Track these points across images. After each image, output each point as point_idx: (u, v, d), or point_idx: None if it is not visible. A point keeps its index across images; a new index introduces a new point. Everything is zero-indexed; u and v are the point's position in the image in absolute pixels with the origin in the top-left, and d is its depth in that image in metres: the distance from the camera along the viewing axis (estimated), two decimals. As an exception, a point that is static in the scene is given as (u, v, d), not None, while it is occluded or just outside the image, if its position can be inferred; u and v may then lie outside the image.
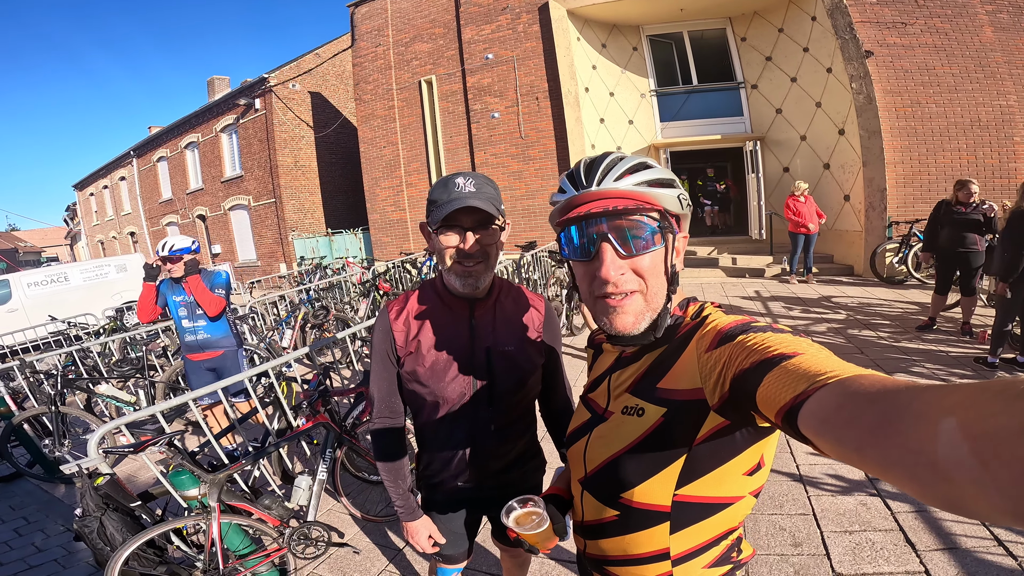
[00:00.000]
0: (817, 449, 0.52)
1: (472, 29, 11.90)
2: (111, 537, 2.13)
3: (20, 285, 10.35)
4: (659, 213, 0.83)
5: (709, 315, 0.85)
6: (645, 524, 0.88)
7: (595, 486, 0.96)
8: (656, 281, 0.84)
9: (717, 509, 0.85)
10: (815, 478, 3.00)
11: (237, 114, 17.01)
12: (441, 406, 1.40)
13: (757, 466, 0.82)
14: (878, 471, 0.42)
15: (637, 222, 0.82)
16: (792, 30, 10.47)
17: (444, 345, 1.38)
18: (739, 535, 0.93)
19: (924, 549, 2.33)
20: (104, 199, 26.23)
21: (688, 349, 0.81)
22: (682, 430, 0.80)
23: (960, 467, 0.33)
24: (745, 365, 0.66)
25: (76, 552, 3.16)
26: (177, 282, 3.67)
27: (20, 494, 4.13)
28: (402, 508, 1.50)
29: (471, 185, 1.24)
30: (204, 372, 3.79)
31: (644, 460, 0.85)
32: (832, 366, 0.55)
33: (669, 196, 0.83)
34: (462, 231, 1.25)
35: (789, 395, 0.56)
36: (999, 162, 8.20)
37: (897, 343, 5.24)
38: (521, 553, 1.89)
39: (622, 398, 0.91)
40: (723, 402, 0.71)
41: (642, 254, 0.82)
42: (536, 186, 11.50)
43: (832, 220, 9.82)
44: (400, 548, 2.80)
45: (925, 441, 0.36)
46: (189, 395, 2.82)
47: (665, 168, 0.87)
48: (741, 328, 0.73)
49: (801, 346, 0.64)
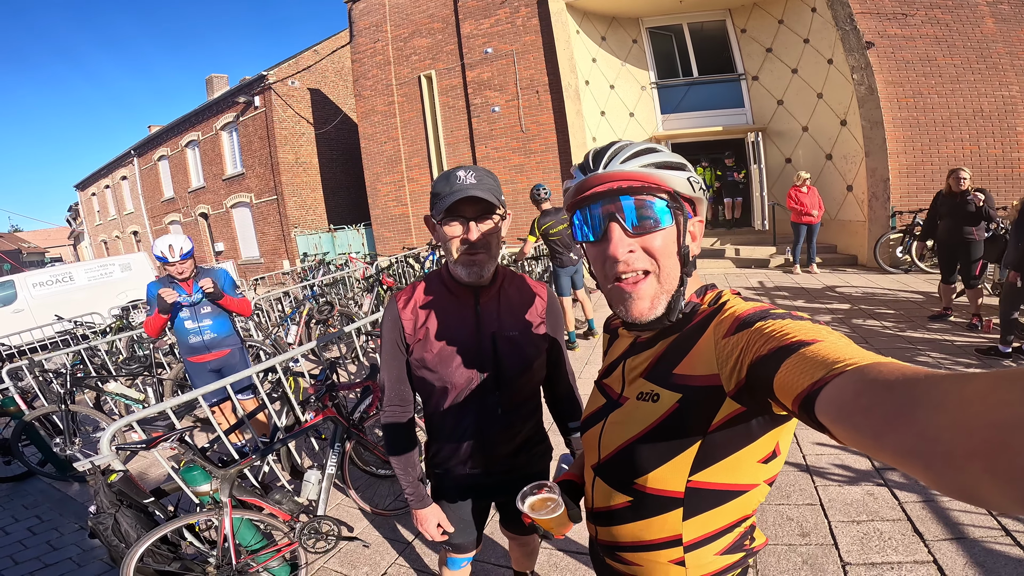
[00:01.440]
0: (833, 437, 0.52)
1: (471, 23, 11.85)
2: (125, 534, 2.15)
3: (25, 285, 10.40)
4: (668, 194, 0.84)
5: (727, 301, 0.85)
6: (658, 510, 0.88)
7: (608, 472, 0.97)
8: (668, 261, 0.84)
9: (731, 496, 0.85)
10: (822, 468, 3.01)
11: (237, 112, 16.99)
12: (450, 392, 1.44)
13: (772, 454, 0.82)
14: (894, 459, 0.42)
15: (644, 201, 0.82)
16: (792, 21, 10.42)
17: (451, 332, 1.42)
18: (752, 523, 0.94)
19: (932, 539, 2.34)
20: (106, 199, 26.25)
21: (705, 335, 0.81)
22: (697, 416, 0.80)
23: (975, 456, 0.33)
24: (763, 351, 0.66)
25: (91, 549, 3.19)
26: (173, 281, 3.54)
27: (33, 493, 4.16)
28: (412, 496, 1.54)
29: (472, 177, 1.28)
30: (208, 374, 3.68)
31: (658, 446, 0.85)
32: (851, 353, 0.55)
33: (678, 178, 0.83)
34: (465, 221, 1.29)
35: (807, 382, 0.55)
36: (1002, 151, 8.17)
37: (903, 332, 5.25)
38: (530, 542, 1.92)
39: (637, 383, 0.91)
40: (739, 388, 0.71)
41: (651, 232, 0.83)
42: (537, 179, 11.46)
43: (835, 210, 9.80)
44: (409, 541, 2.82)
45: (942, 430, 0.37)
46: (199, 391, 2.84)
47: (674, 153, 0.87)
48: (760, 315, 0.73)
49: (821, 333, 0.63)
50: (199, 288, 3.54)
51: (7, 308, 10.06)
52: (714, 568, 0.91)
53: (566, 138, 11.05)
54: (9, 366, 4.48)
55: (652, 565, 0.94)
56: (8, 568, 3.10)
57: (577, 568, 2.46)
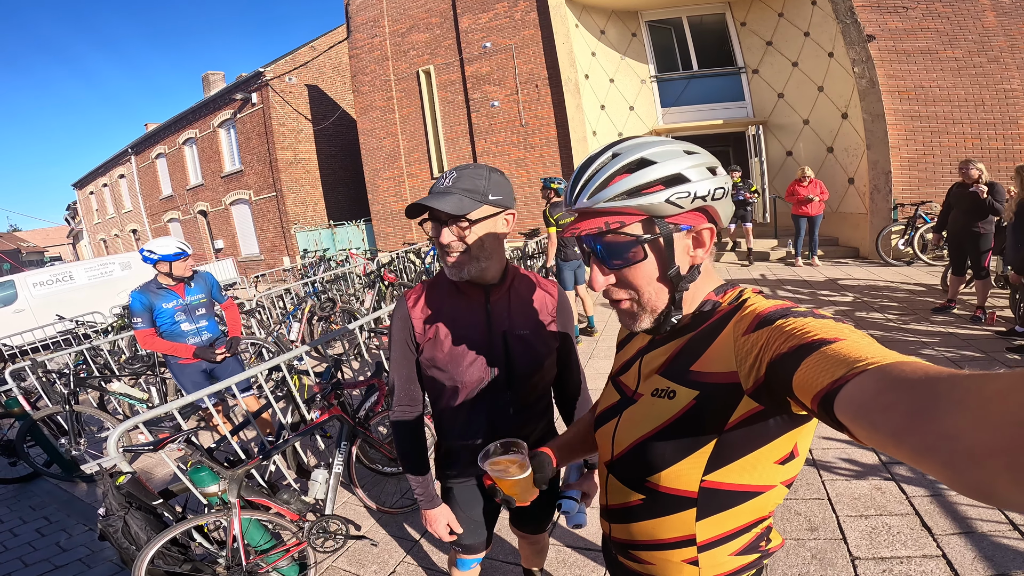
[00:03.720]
0: (852, 436, 0.52)
1: (469, 18, 11.79)
2: (136, 536, 2.15)
3: (26, 285, 10.38)
4: (642, 224, 0.81)
5: (748, 299, 0.83)
6: (671, 509, 0.88)
7: (621, 469, 0.96)
8: (649, 288, 0.84)
9: (746, 497, 0.84)
10: (829, 462, 3.01)
11: (234, 109, 16.95)
12: (460, 391, 1.44)
13: (790, 455, 0.81)
14: (914, 458, 0.41)
15: (612, 243, 0.82)
16: (792, 14, 10.37)
17: (461, 331, 1.42)
18: (769, 524, 0.93)
19: (941, 533, 2.35)
20: (104, 197, 26.21)
21: (724, 332, 0.80)
22: (713, 414, 0.79)
23: (995, 454, 0.33)
24: (783, 349, 0.65)
25: (100, 551, 3.18)
26: (161, 287, 3.52)
27: (40, 494, 4.16)
28: (422, 496, 1.54)
29: (450, 180, 1.28)
30: (199, 374, 3.66)
31: (672, 443, 0.84)
32: (873, 352, 0.54)
33: (655, 201, 0.78)
34: (439, 224, 1.30)
35: (827, 380, 0.55)
36: (1004, 144, 8.17)
37: (906, 325, 5.25)
38: (540, 540, 1.91)
39: (652, 380, 0.90)
40: (758, 387, 0.70)
41: (627, 267, 0.83)
42: (538, 174, 11.44)
43: (836, 203, 9.79)
44: (417, 539, 2.83)
45: (962, 428, 0.36)
46: (204, 391, 2.83)
47: (678, 159, 0.80)
48: (781, 313, 0.72)
49: (843, 332, 0.62)
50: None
51: (8, 308, 10.05)
52: (728, 568, 0.91)
53: (566, 132, 11.02)
54: (12, 367, 4.46)
55: (665, 564, 0.94)
56: (18, 570, 3.10)
57: (586, 565, 2.46)
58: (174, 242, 3.50)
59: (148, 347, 3.54)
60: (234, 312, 4.00)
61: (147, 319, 3.47)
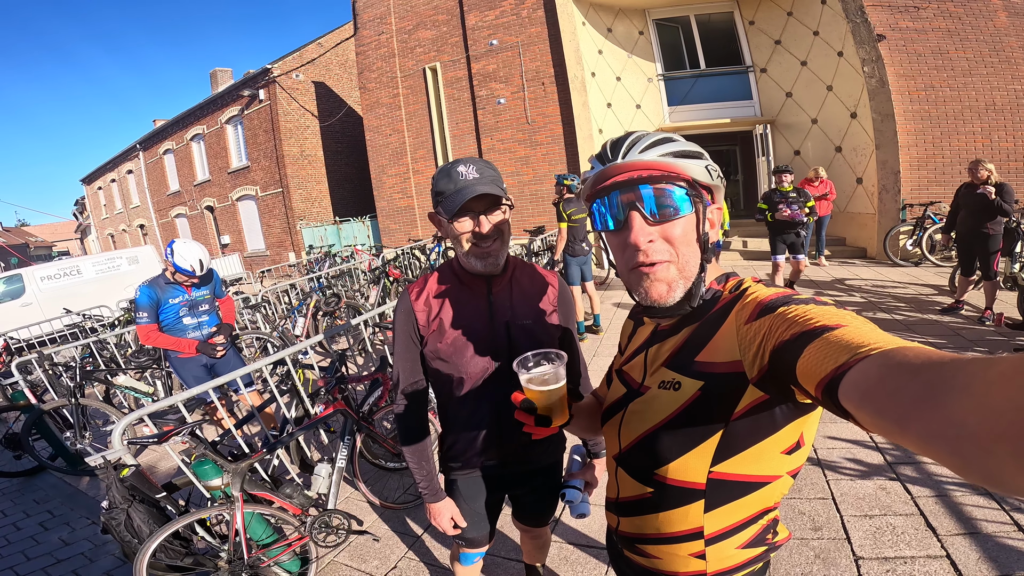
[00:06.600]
0: (857, 423, 0.51)
1: (475, 15, 11.77)
2: (138, 529, 2.16)
3: (34, 279, 10.45)
4: (687, 183, 0.83)
5: (748, 288, 0.84)
6: (679, 502, 0.88)
7: (629, 462, 0.96)
8: (687, 249, 0.84)
9: (753, 488, 0.84)
10: (833, 462, 2.99)
11: (241, 105, 17.01)
12: (465, 382, 1.44)
13: (796, 445, 0.81)
14: (919, 444, 0.41)
15: (663, 190, 0.82)
16: (801, 13, 10.31)
17: (465, 322, 1.42)
18: (775, 516, 0.93)
19: (945, 533, 2.33)
20: (112, 193, 26.35)
21: (727, 321, 0.80)
22: (719, 404, 0.79)
23: (1002, 439, 0.33)
24: (785, 337, 0.65)
25: (103, 544, 3.19)
26: (169, 282, 3.61)
27: (44, 487, 4.18)
28: (426, 489, 1.54)
29: (474, 171, 1.28)
30: (200, 368, 3.72)
31: (679, 435, 0.84)
32: (876, 338, 0.54)
33: (696, 167, 0.84)
34: (475, 216, 1.29)
35: (830, 366, 0.54)
36: (1014, 145, 8.10)
37: (914, 326, 5.21)
38: (542, 535, 1.91)
39: (659, 372, 0.90)
40: (762, 375, 0.70)
41: (670, 220, 0.83)
42: (543, 171, 11.43)
43: (844, 202, 9.74)
44: (419, 535, 2.83)
45: (968, 413, 0.36)
46: (208, 384, 2.84)
47: (690, 142, 0.88)
48: (782, 300, 0.72)
49: (845, 318, 0.62)
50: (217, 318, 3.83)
51: (16, 302, 10.13)
52: (735, 562, 0.91)
53: (572, 130, 10.98)
54: (18, 360, 4.49)
55: (672, 558, 0.94)
56: (21, 563, 3.11)
57: (588, 562, 2.45)
58: (196, 258, 3.54)
59: (149, 343, 3.57)
60: (230, 306, 4.11)
61: (152, 314, 3.52)
